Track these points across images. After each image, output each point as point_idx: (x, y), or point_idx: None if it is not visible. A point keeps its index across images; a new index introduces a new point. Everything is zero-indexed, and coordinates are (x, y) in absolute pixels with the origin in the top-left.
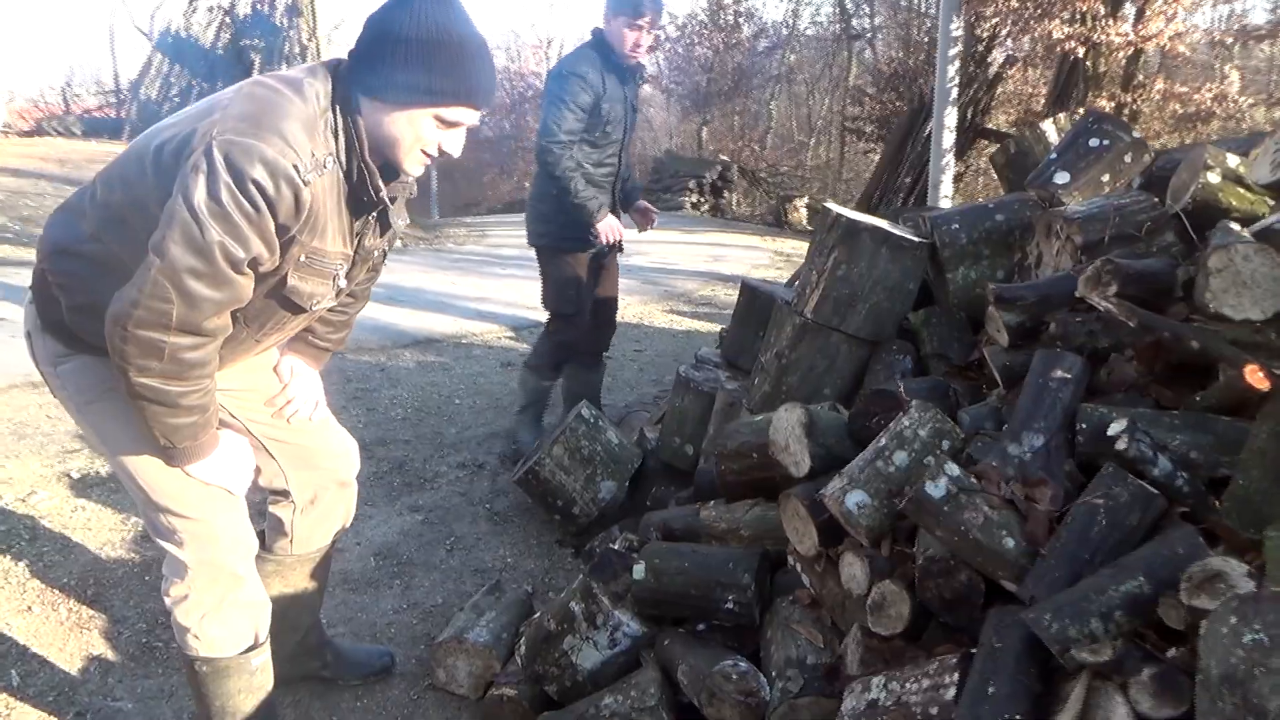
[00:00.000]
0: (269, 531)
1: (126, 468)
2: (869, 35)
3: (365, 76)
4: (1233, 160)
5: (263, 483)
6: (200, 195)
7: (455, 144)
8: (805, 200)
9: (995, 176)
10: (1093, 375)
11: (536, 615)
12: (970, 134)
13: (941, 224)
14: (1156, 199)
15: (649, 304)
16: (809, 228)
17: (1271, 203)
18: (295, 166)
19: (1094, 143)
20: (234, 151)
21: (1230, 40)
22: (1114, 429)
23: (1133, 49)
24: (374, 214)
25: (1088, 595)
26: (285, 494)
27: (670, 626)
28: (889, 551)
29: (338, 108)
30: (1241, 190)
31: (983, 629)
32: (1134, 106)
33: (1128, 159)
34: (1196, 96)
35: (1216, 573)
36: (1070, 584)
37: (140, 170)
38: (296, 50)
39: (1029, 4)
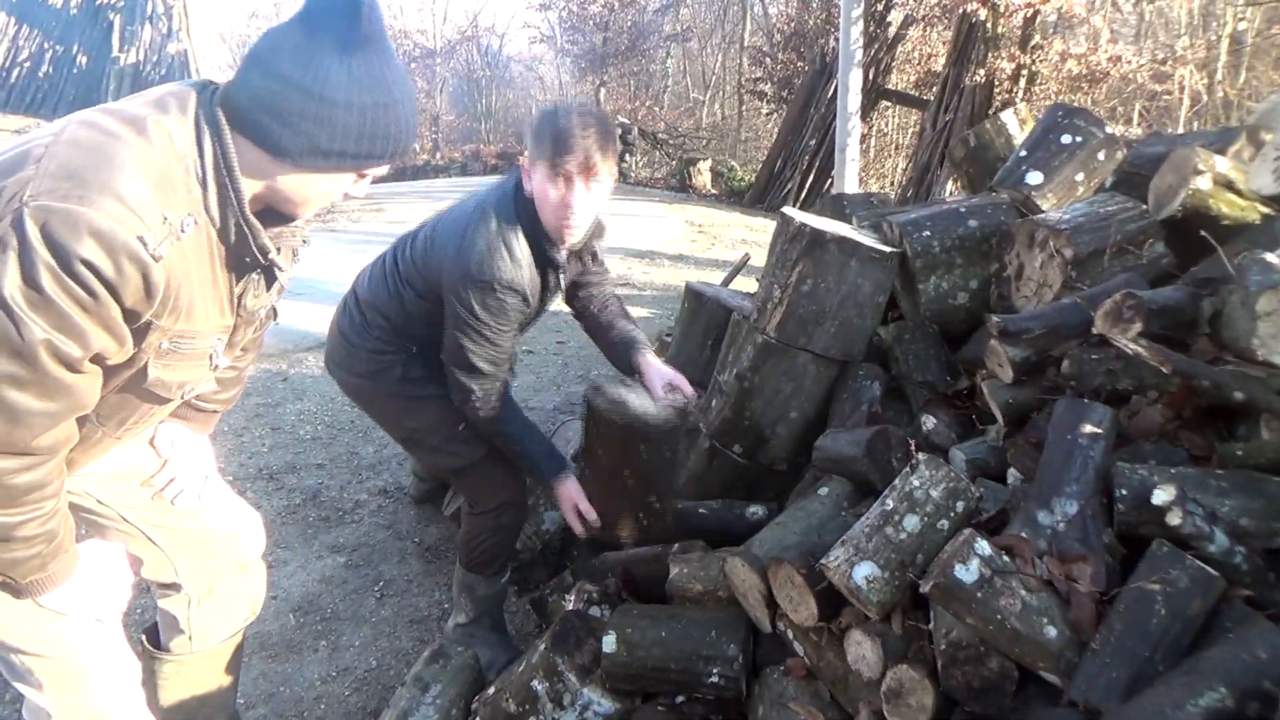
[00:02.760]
0: (163, 629)
1: None
2: None
3: (276, 135)
4: (1222, 164)
5: (148, 575)
6: (12, 282)
7: (362, 188)
8: (709, 163)
9: (896, 138)
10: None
11: (491, 692)
12: (872, 95)
13: (912, 231)
14: (1144, 206)
15: None
16: (713, 192)
17: (1265, 210)
18: (141, 238)
19: (1066, 139)
20: (53, 222)
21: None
22: (1161, 498)
23: (1031, 9)
24: (258, 271)
25: (1163, 712)
26: (176, 586)
27: (643, 701)
28: (900, 625)
29: (206, 150)
30: (1231, 196)
31: None
32: (1032, 67)
33: (1101, 156)
34: (1093, 58)
35: None
36: (1130, 685)
37: None
38: (161, 10)
39: None
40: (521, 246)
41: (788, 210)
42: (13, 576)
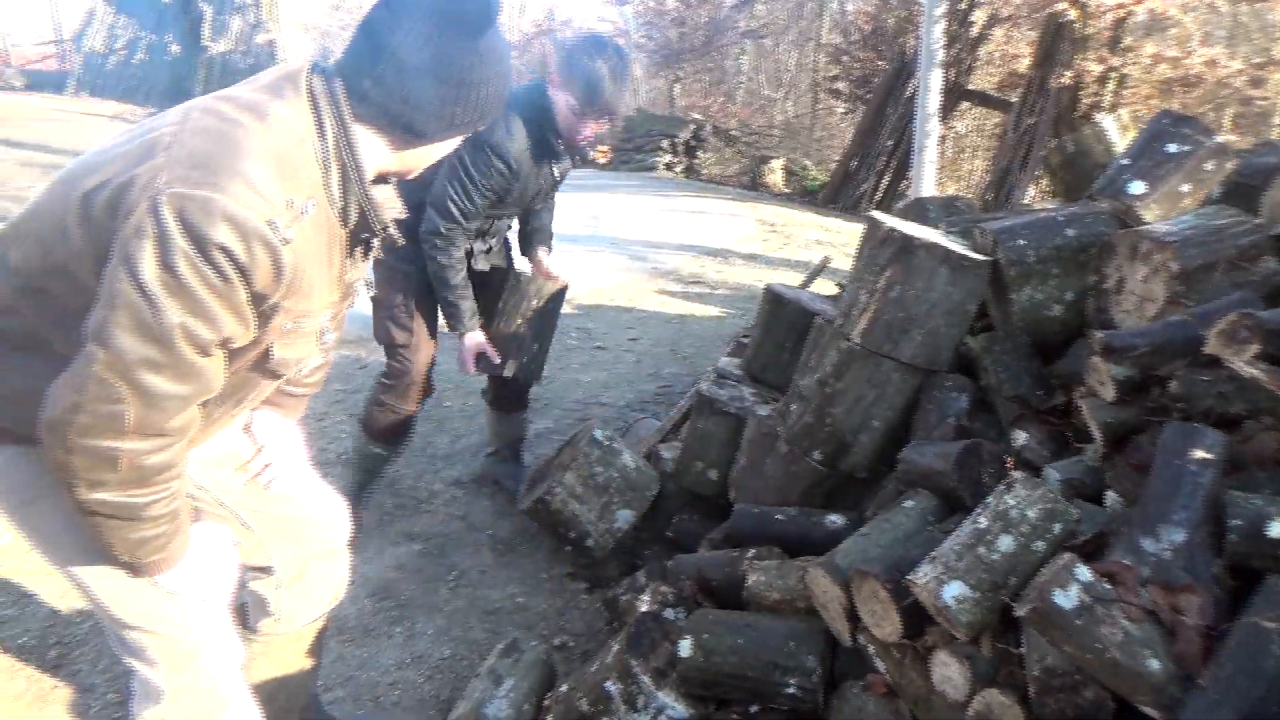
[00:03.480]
0: (252, 609)
1: (79, 579)
2: None
3: (416, 122)
4: None
5: (241, 559)
6: (150, 268)
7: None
8: (782, 162)
9: (976, 141)
10: None
11: (565, 689)
12: (953, 96)
13: (1006, 239)
14: (1255, 219)
15: (638, 283)
16: (786, 190)
17: None
18: (271, 223)
19: (1172, 147)
20: (189, 209)
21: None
22: (1278, 529)
23: (1124, 10)
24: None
25: None
26: (268, 570)
27: (717, 708)
28: (989, 648)
29: (326, 132)
30: None
31: None
32: (1122, 70)
33: (1209, 166)
34: (1187, 61)
35: None
36: None
37: (59, 228)
38: (250, 1)
39: None
40: (521, 130)
41: (876, 214)
42: (137, 555)
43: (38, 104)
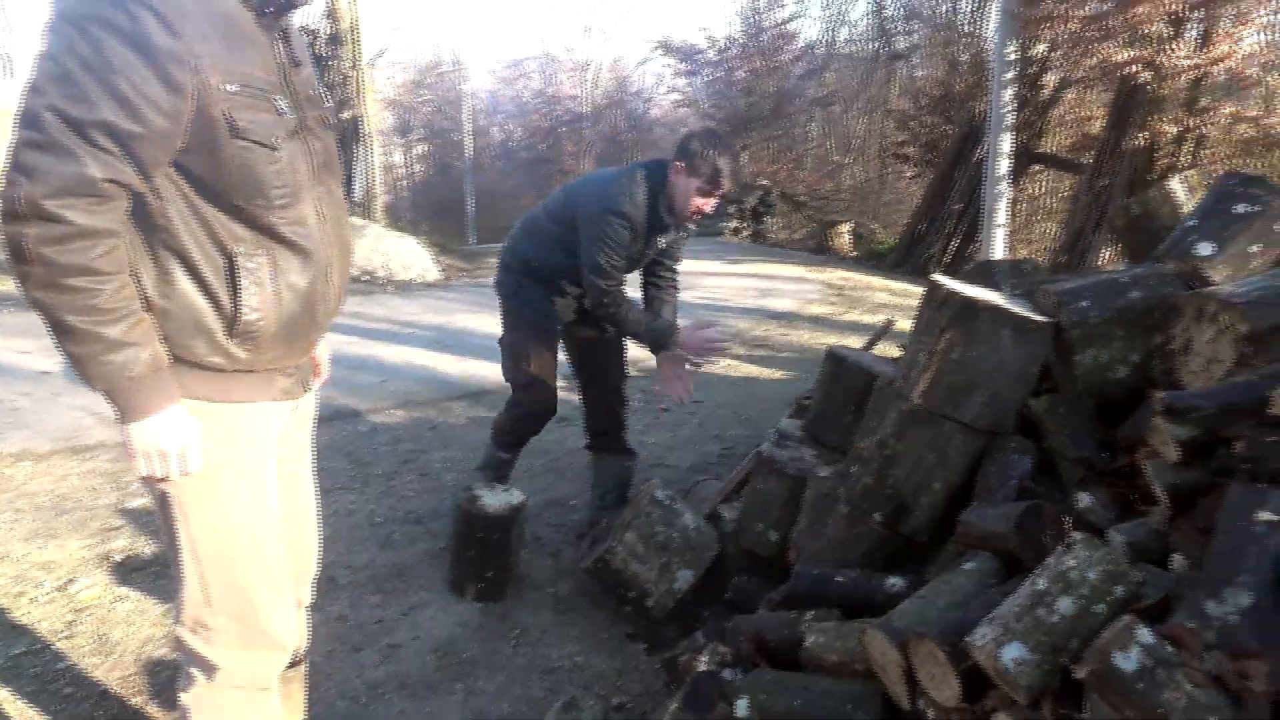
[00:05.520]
0: None
1: (195, 552)
2: (909, 54)
3: None
4: None
5: None
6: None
7: None
8: (849, 225)
9: (1048, 203)
10: None
11: None
12: (1023, 159)
13: (1069, 300)
14: None
15: None
16: (854, 254)
17: None
18: None
19: (1240, 208)
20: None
21: None
22: None
23: (1200, 72)
24: (281, 30)
25: None
26: None
27: None
28: (1051, 712)
29: None
30: None
31: None
32: (1199, 131)
33: (1278, 228)
34: (1267, 120)
35: None
36: None
37: None
38: (339, 79)
39: (1090, 26)
40: (643, 202)
41: (937, 276)
42: (86, 374)
43: None
